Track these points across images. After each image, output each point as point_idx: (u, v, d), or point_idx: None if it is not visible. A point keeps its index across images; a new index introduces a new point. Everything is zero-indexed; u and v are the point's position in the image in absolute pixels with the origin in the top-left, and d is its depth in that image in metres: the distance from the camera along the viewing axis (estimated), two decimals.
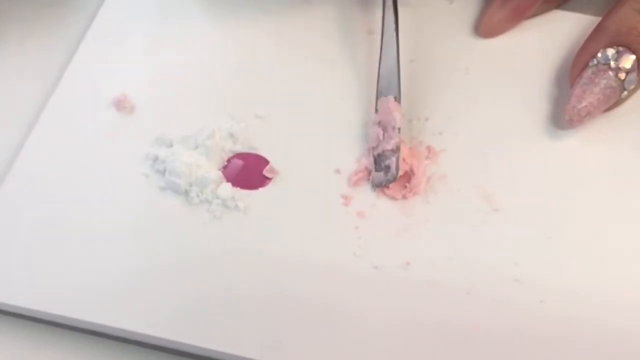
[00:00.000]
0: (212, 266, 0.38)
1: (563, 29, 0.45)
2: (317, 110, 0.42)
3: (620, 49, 0.40)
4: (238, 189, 0.40)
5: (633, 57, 0.40)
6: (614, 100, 0.41)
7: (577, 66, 0.42)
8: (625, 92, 0.41)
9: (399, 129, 0.40)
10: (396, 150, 0.40)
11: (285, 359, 0.35)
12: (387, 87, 0.42)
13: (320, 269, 0.37)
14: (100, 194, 0.40)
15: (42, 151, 0.41)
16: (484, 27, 0.45)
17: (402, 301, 0.37)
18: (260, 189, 0.40)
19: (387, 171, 0.40)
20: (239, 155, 0.41)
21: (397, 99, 0.41)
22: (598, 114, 0.41)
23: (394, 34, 0.43)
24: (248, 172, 0.40)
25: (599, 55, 0.41)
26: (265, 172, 0.40)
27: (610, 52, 0.40)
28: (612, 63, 0.40)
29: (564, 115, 0.41)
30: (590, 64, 0.41)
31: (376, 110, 0.41)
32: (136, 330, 0.36)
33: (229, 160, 0.41)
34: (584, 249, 0.38)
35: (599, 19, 0.43)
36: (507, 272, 0.37)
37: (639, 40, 0.40)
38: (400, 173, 0.40)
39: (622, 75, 0.40)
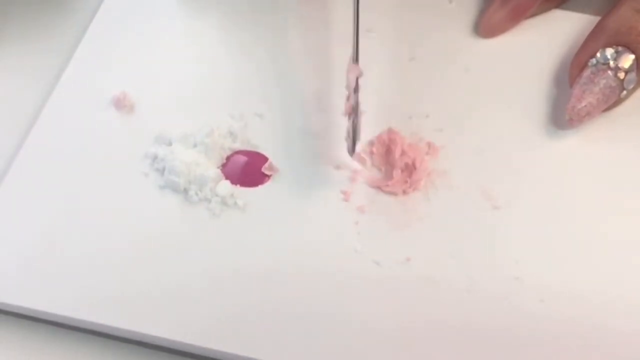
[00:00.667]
0: (211, 264, 0.38)
1: (563, 29, 0.45)
2: (315, 107, 0.42)
3: (620, 48, 0.40)
4: (237, 186, 0.40)
5: (632, 56, 0.40)
6: (613, 100, 0.41)
7: (576, 66, 0.42)
8: (625, 92, 0.41)
9: (357, 92, 0.39)
10: (352, 113, 0.39)
11: (286, 357, 0.35)
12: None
13: (321, 264, 0.37)
14: (100, 193, 0.40)
15: (42, 150, 0.41)
16: (484, 27, 0.45)
17: (402, 297, 0.37)
18: (259, 186, 0.40)
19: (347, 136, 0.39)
20: (238, 153, 0.41)
21: (355, 60, 0.40)
22: (597, 114, 0.41)
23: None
24: (247, 169, 0.40)
25: (598, 55, 0.41)
26: (265, 170, 0.40)
27: (610, 51, 0.40)
28: (612, 63, 0.40)
29: (563, 115, 0.41)
30: (590, 63, 0.41)
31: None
32: (136, 330, 0.36)
33: (228, 158, 0.41)
34: (584, 248, 0.38)
35: (598, 18, 0.43)
36: (507, 270, 0.37)
37: (639, 40, 0.40)
38: (401, 165, 0.40)
39: (622, 75, 0.40)
